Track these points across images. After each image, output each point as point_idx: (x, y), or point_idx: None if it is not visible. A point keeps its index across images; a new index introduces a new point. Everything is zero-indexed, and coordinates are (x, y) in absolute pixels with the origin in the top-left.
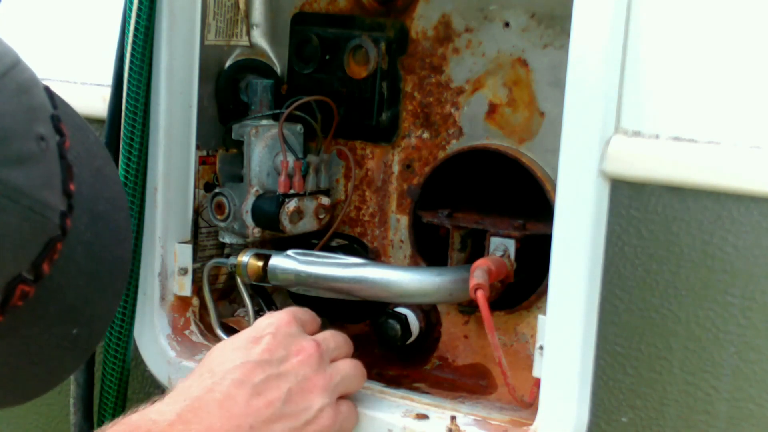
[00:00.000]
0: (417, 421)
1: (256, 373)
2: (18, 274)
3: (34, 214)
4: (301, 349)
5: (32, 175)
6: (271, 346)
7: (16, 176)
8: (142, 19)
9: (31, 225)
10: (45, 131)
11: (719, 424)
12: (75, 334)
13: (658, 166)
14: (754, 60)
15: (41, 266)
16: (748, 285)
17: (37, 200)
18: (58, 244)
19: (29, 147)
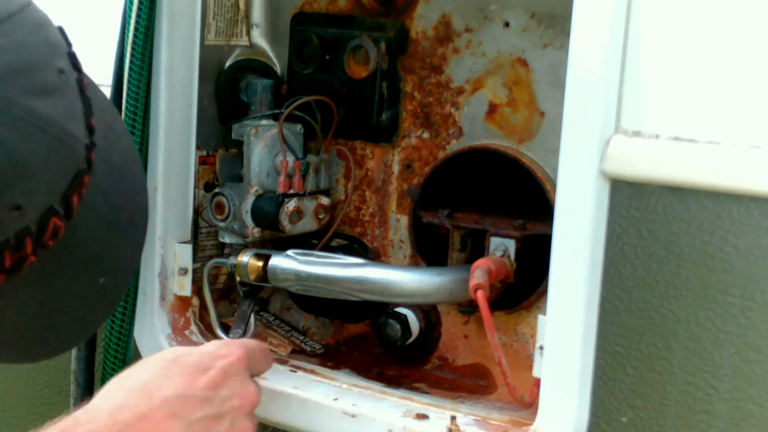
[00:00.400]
0: (417, 421)
1: (195, 411)
2: (50, 206)
3: (62, 144)
4: (245, 395)
5: (57, 105)
6: (216, 381)
7: (42, 106)
8: (142, 19)
9: (59, 155)
10: (64, 66)
11: (719, 424)
12: (102, 283)
13: (658, 166)
14: (754, 60)
15: (71, 199)
16: (748, 285)
17: (63, 130)
18: (85, 177)
19: (52, 79)
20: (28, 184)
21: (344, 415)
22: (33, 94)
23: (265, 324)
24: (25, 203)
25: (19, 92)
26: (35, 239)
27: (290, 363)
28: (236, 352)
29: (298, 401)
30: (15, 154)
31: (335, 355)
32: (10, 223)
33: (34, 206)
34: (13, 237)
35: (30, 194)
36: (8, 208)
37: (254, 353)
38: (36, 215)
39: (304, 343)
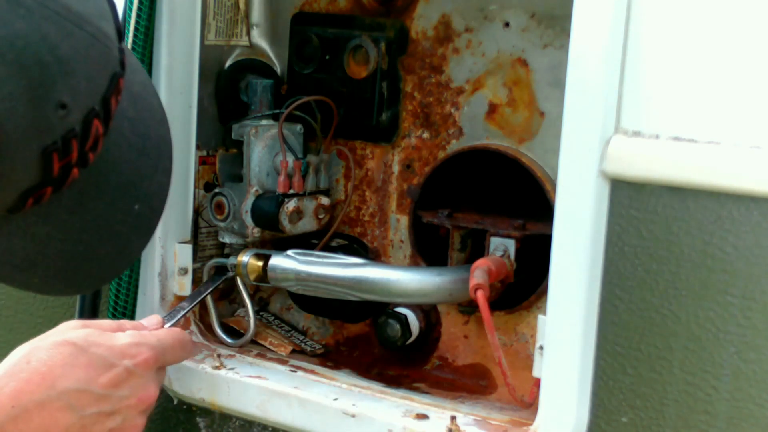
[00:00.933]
0: (417, 421)
1: (90, 405)
2: (92, 108)
3: (98, 42)
4: (143, 396)
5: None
6: (118, 380)
7: (76, 3)
8: (142, 19)
9: (97, 53)
10: None
11: (719, 424)
12: (137, 210)
13: (658, 166)
14: (754, 60)
15: (110, 101)
16: (748, 285)
17: (98, 29)
18: (120, 80)
19: None
20: (71, 80)
21: (344, 415)
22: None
23: (265, 324)
24: (70, 101)
25: None
26: (80, 143)
27: (290, 363)
28: (145, 353)
29: (298, 401)
30: (57, 50)
31: (335, 355)
32: (57, 123)
33: (78, 105)
34: (61, 139)
35: (74, 92)
36: (55, 107)
37: (165, 350)
38: (80, 116)
39: (304, 343)
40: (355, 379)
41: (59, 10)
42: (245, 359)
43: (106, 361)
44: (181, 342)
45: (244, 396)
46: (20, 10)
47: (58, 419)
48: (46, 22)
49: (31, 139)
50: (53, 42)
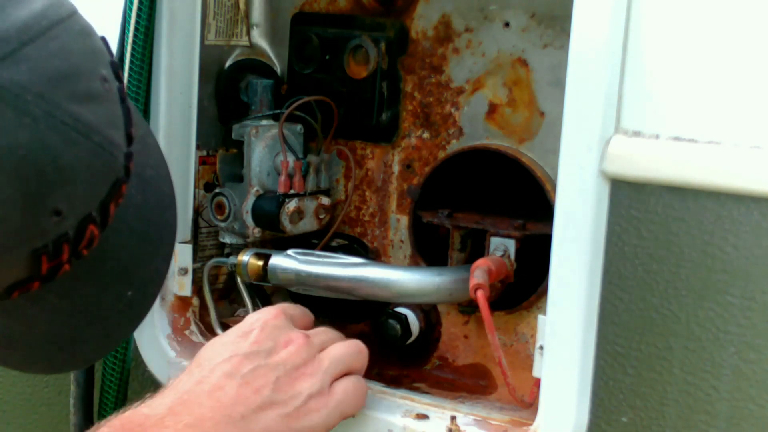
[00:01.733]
0: (417, 421)
1: (244, 365)
2: (89, 213)
3: (103, 150)
4: (288, 340)
5: (99, 113)
6: (258, 338)
7: (86, 112)
8: (142, 19)
9: (100, 161)
10: (107, 74)
11: (719, 424)
12: (129, 296)
13: (658, 166)
14: (754, 60)
15: (109, 207)
16: (748, 285)
17: (105, 137)
18: (123, 186)
19: (95, 86)
20: (69, 189)
21: None
22: (77, 100)
23: None
24: (65, 209)
25: (64, 97)
26: (72, 246)
27: None
28: (269, 311)
29: None
30: (59, 159)
31: None
32: (50, 228)
33: (74, 212)
34: (52, 243)
35: (71, 200)
36: (50, 213)
37: (288, 308)
38: (75, 221)
39: None
40: None
41: (66, 119)
42: None
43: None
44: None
45: None
46: (26, 119)
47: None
48: (50, 132)
49: (22, 242)
50: (56, 152)
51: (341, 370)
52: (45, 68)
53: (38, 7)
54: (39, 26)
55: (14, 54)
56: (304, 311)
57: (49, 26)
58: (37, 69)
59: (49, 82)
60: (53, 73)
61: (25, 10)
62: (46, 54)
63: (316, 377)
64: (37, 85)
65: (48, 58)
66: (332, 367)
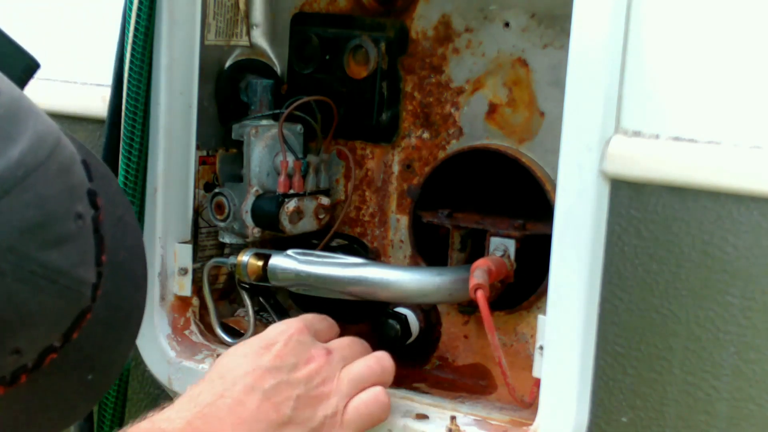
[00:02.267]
0: (417, 421)
1: (266, 379)
2: (50, 345)
3: (70, 291)
4: (311, 357)
5: (70, 254)
6: (281, 353)
7: (55, 258)
8: (142, 19)
9: (66, 301)
10: (82, 209)
11: (719, 424)
12: (90, 379)
13: (658, 166)
14: (754, 60)
15: (71, 335)
16: (748, 285)
17: (73, 278)
18: (87, 314)
19: (68, 228)
20: (31, 331)
21: None
22: (48, 247)
23: (265, 324)
24: (25, 347)
25: (35, 247)
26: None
27: None
28: (294, 324)
29: None
30: (23, 307)
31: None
32: (7, 364)
33: (34, 348)
34: (10, 375)
35: (32, 339)
36: (9, 353)
37: (313, 321)
38: (35, 355)
39: None
40: None
41: (36, 268)
42: None
43: (262, 343)
44: (322, 318)
45: None
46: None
47: (244, 400)
48: (17, 284)
49: None
50: (20, 301)
51: (361, 388)
52: (18, 221)
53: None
54: (14, 177)
55: None
56: (330, 324)
57: (25, 175)
58: (10, 222)
59: (21, 235)
60: (26, 224)
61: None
62: (19, 206)
63: (332, 399)
64: (9, 239)
65: (21, 209)
66: (351, 387)
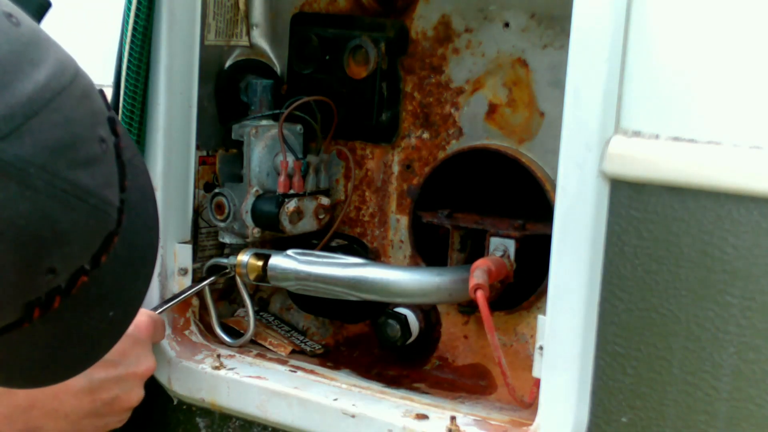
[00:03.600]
0: (417, 421)
1: (99, 371)
2: (81, 266)
3: (98, 211)
4: (147, 367)
5: (96, 175)
6: (126, 348)
7: (84, 178)
8: (141, 19)
9: (95, 221)
10: (104, 134)
11: (719, 424)
12: (111, 316)
13: (658, 166)
14: (754, 60)
15: (100, 258)
16: (748, 285)
17: (100, 198)
18: (114, 237)
19: (94, 150)
20: (64, 249)
21: (344, 415)
22: (77, 166)
23: (265, 324)
24: (60, 267)
25: (64, 166)
26: (63, 295)
27: (290, 363)
28: (144, 320)
29: (298, 401)
30: (57, 225)
31: (335, 355)
32: (43, 284)
33: (67, 269)
34: (44, 296)
35: (65, 258)
36: (44, 272)
37: (157, 323)
38: (67, 276)
39: (304, 343)
40: (355, 379)
41: (66, 187)
42: (245, 359)
43: None
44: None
45: (244, 396)
46: (27, 192)
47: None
48: (50, 201)
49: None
50: (54, 218)
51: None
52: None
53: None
54: (42, 99)
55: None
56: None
57: (52, 97)
58: (40, 142)
59: (51, 154)
60: (55, 144)
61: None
62: (48, 126)
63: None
64: (40, 157)
65: (50, 129)
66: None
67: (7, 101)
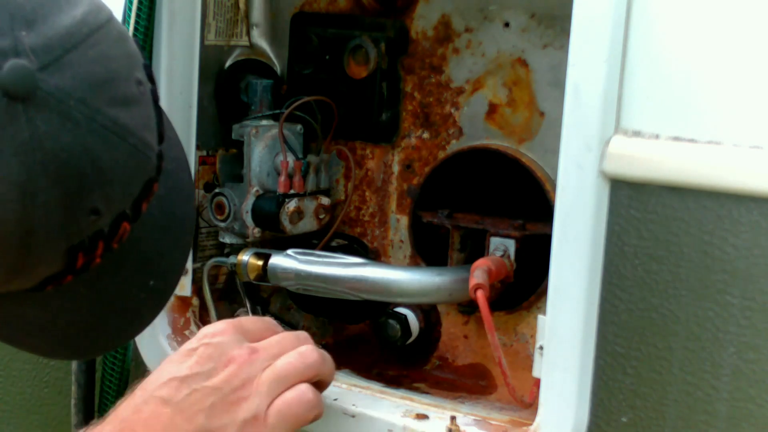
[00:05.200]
0: (417, 421)
1: (181, 390)
2: (123, 211)
3: (138, 152)
4: (230, 359)
5: (135, 115)
6: (201, 358)
7: (123, 116)
8: (142, 19)
9: (136, 162)
10: (141, 77)
11: (719, 424)
12: (151, 285)
13: (658, 166)
14: (754, 60)
15: (141, 204)
16: (748, 285)
17: (140, 139)
18: (154, 184)
19: (132, 90)
20: (107, 189)
21: (344, 415)
22: (116, 104)
23: None
24: (103, 208)
25: (104, 102)
26: (106, 242)
27: None
28: (219, 326)
29: None
30: (98, 161)
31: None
32: (87, 226)
33: (110, 210)
34: (88, 239)
35: (108, 199)
36: (88, 213)
37: (245, 322)
38: (110, 219)
39: None
40: (355, 379)
41: (106, 123)
42: None
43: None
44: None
45: None
46: (69, 124)
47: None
48: (91, 136)
49: (60, 240)
50: (96, 154)
51: (285, 387)
52: (86, 74)
53: (79, 14)
54: (80, 33)
55: (58, 61)
56: (265, 326)
57: (90, 33)
58: (79, 75)
59: (90, 88)
60: (94, 78)
61: (68, 18)
62: (87, 60)
63: (252, 401)
64: (79, 90)
65: (89, 64)
66: (273, 387)
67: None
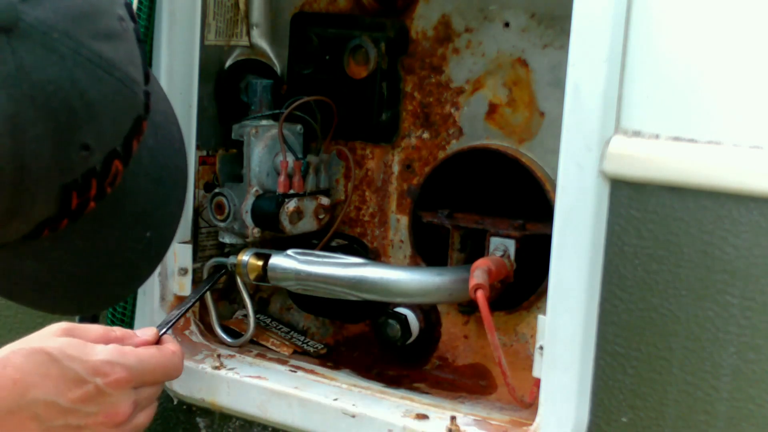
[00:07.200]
0: (417, 421)
1: (57, 418)
2: (114, 149)
3: (125, 87)
4: (113, 414)
5: (120, 50)
6: (88, 396)
7: (107, 49)
8: (142, 19)
9: (123, 97)
10: (123, 14)
11: (719, 424)
12: (148, 237)
13: (658, 166)
14: (754, 60)
15: (131, 143)
16: (748, 285)
17: (126, 74)
18: (143, 122)
19: (114, 25)
20: (96, 124)
21: (344, 415)
22: (99, 38)
23: (264, 326)
24: (93, 143)
25: (87, 35)
26: (99, 181)
27: (290, 363)
28: (119, 373)
29: (298, 401)
30: (86, 94)
31: (335, 355)
32: (78, 163)
33: (100, 147)
34: (81, 177)
35: (98, 134)
36: (78, 148)
37: (144, 372)
38: (101, 156)
39: (306, 344)
40: (355, 379)
41: (91, 56)
42: (245, 359)
43: (78, 376)
44: (164, 366)
45: (244, 396)
46: (54, 56)
47: (24, 428)
48: (77, 68)
49: (53, 177)
50: (83, 87)
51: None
52: (67, 7)
53: None
54: None
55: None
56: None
57: None
58: (60, 8)
59: (72, 21)
60: (75, 11)
61: None
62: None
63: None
64: (62, 23)
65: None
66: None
67: None
